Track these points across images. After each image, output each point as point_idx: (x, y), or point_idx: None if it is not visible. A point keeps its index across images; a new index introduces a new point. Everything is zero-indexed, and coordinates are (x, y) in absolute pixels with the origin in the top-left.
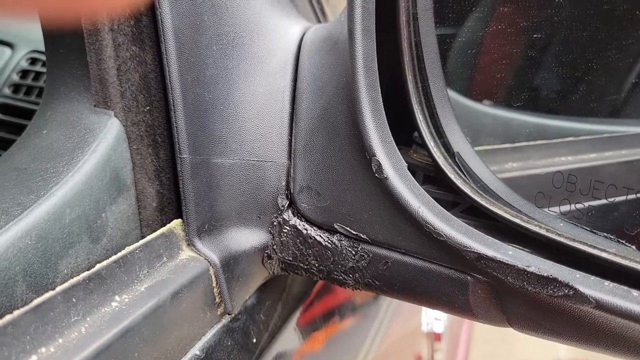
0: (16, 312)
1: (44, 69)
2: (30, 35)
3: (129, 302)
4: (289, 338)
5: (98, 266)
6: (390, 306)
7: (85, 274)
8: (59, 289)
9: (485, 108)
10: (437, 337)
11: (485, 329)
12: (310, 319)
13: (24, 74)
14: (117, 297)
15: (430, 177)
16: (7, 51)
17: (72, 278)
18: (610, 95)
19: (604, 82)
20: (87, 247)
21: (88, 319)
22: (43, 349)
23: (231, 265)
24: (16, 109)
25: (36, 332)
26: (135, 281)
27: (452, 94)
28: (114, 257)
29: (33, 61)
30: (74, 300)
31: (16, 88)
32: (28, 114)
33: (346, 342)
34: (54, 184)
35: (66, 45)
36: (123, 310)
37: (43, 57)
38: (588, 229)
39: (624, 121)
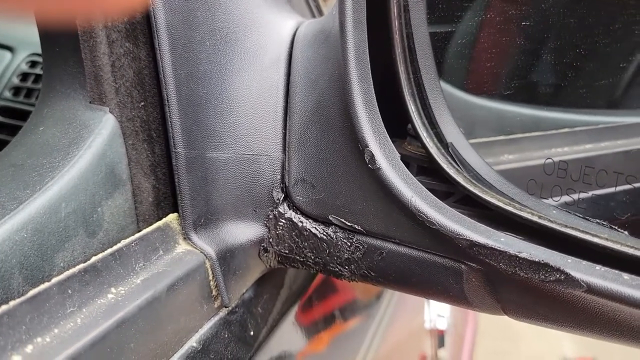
0: (12, 303)
1: None
2: (30, 39)
3: (124, 294)
4: (287, 331)
5: (94, 259)
6: (391, 304)
7: (81, 266)
8: (54, 280)
9: (479, 100)
10: (440, 334)
11: (490, 325)
12: (310, 317)
13: (24, 76)
14: (112, 289)
15: (424, 168)
16: (7, 55)
17: (68, 270)
18: (606, 85)
19: (598, 72)
20: (83, 240)
21: (84, 310)
22: (39, 339)
23: (227, 258)
24: (16, 111)
25: (32, 322)
26: (131, 273)
27: (446, 87)
28: (109, 250)
29: (33, 64)
30: (69, 291)
31: (16, 91)
32: (28, 117)
33: (348, 341)
34: (49, 179)
35: (61, 43)
36: (119, 301)
37: None
38: (580, 215)
39: (619, 112)
